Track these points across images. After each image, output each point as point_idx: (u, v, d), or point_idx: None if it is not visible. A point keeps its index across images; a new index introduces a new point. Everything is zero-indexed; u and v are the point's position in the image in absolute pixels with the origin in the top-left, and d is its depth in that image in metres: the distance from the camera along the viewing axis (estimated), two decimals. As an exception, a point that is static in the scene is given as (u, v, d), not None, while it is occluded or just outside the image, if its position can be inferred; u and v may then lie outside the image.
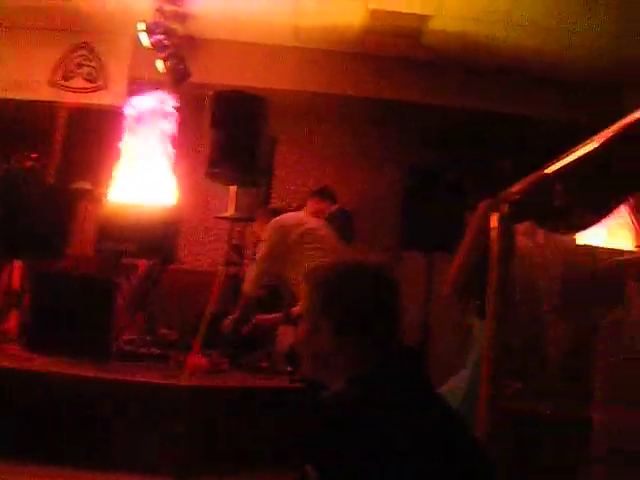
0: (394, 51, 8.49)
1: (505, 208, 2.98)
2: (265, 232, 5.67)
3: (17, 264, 6.40)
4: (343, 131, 8.78)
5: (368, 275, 2.16)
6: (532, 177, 2.83)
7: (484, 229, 3.26)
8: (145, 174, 6.30)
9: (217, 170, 5.59)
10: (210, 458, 4.82)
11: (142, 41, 7.09)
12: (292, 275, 5.55)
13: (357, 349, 2.07)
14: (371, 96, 8.53)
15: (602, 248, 4.43)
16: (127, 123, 6.32)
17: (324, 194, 8.10)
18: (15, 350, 5.81)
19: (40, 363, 5.35)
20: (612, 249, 4.36)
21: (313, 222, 5.76)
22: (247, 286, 5.69)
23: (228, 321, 5.81)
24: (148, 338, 6.19)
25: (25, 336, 6.03)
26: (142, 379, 5.06)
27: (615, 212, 4.01)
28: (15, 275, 6.39)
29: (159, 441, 4.79)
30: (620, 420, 2.87)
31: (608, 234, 4.35)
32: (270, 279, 5.94)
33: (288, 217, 5.75)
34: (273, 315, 5.96)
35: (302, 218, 5.72)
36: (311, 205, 7.94)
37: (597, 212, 3.76)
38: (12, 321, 6.23)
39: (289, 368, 5.56)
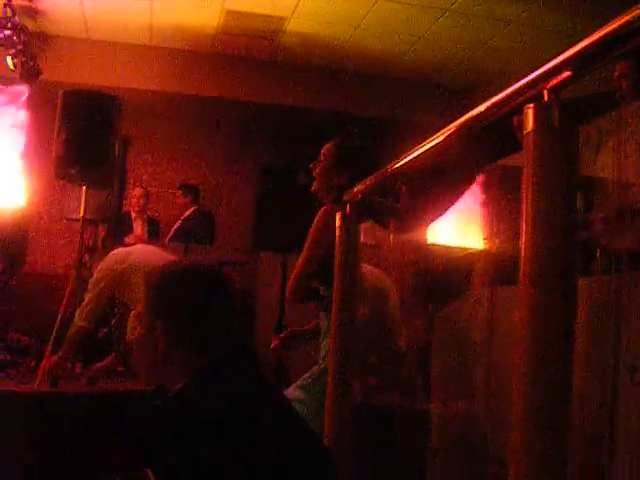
0: (250, 52, 8.54)
1: (348, 208, 3.03)
2: (97, 272, 5.42)
3: None
4: (198, 131, 8.76)
5: (200, 275, 2.19)
6: (374, 176, 2.87)
7: (327, 230, 3.31)
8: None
9: (67, 170, 5.44)
10: (62, 466, 4.72)
11: (-12, 37, 6.86)
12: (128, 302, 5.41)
13: (189, 349, 2.09)
14: (226, 96, 8.56)
15: (451, 245, 4.59)
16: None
17: (188, 190, 8.08)
18: None
19: None
20: (461, 246, 4.51)
21: (139, 253, 5.52)
22: (78, 315, 5.26)
23: (54, 363, 5.19)
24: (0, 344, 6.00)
25: None
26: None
27: (459, 207, 4.13)
28: None
29: (8, 451, 4.66)
30: (455, 412, 2.98)
31: (458, 229, 4.50)
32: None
33: (114, 255, 5.48)
34: (104, 361, 5.53)
35: (128, 253, 5.48)
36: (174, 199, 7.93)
37: (438, 209, 3.88)
38: None
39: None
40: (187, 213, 8.09)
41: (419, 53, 8.23)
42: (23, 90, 6.54)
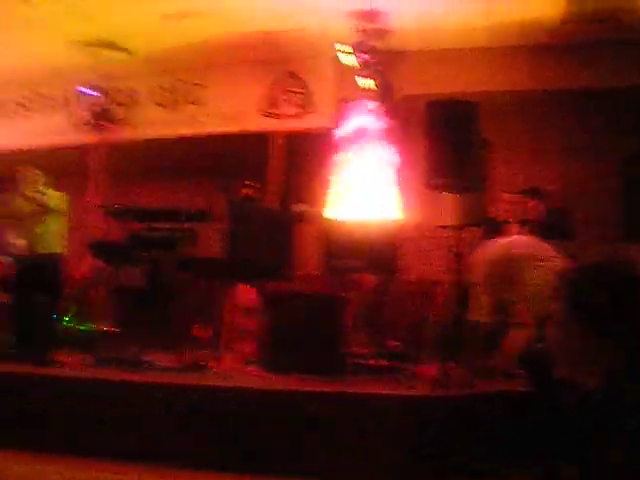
0: (594, 37, 8.19)
1: None
2: (475, 267, 5.35)
3: (243, 287, 6.70)
4: (551, 126, 8.54)
5: (614, 271, 2.15)
6: None
7: None
8: (363, 190, 6.44)
9: (435, 179, 5.59)
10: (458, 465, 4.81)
11: (345, 62, 7.25)
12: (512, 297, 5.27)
13: (606, 347, 2.07)
14: (577, 87, 8.27)
15: None
16: (341, 142, 6.51)
17: (533, 192, 7.95)
18: (253, 370, 6.09)
19: (278, 382, 5.60)
20: None
21: (519, 245, 5.34)
22: (474, 313, 5.26)
23: (458, 371, 5.40)
24: (377, 351, 6.28)
25: (262, 356, 6.32)
26: (376, 391, 5.17)
27: None
28: (239, 297, 6.69)
29: (400, 452, 4.85)
30: None
31: None
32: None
33: (494, 248, 5.36)
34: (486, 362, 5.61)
35: (507, 245, 5.35)
36: (521, 205, 7.80)
37: None
38: (249, 342, 6.52)
39: (522, 371, 5.44)
40: (539, 213, 7.92)
41: None
42: (382, 108, 6.88)
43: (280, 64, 8.54)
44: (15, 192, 7.24)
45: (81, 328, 7.60)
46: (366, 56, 7.17)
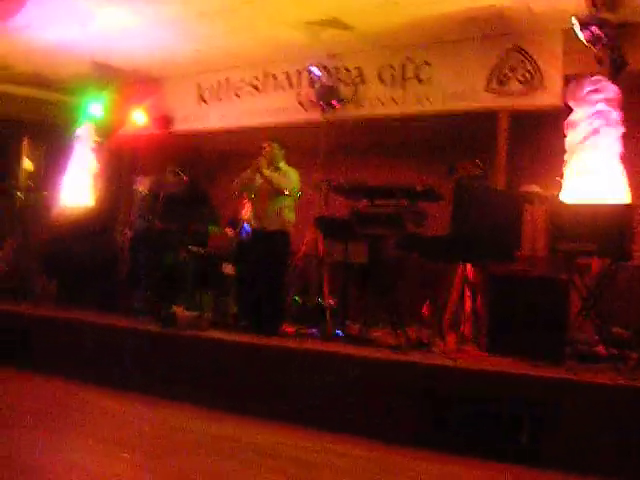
0: None
1: None
2: None
3: (468, 267, 6.65)
4: None
5: None
6: None
7: None
8: (593, 171, 6.23)
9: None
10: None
11: (577, 36, 6.98)
12: None
13: None
14: None
15: None
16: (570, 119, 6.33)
17: None
18: (473, 351, 6.09)
19: (495, 363, 5.56)
20: None
21: None
22: None
23: None
24: (603, 338, 6.08)
25: (482, 337, 6.28)
26: (598, 380, 4.99)
27: None
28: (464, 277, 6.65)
29: (619, 443, 4.68)
30: None
31: None
32: None
33: None
34: None
35: None
36: None
37: None
38: (470, 322, 6.50)
39: None
40: None
41: None
42: (614, 84, 6.59)
43: (507, 39, 8.32)
44: (252, 168, 7.50)
45: (306, 302, 7.86)
46: (596, 29, 6.86)
